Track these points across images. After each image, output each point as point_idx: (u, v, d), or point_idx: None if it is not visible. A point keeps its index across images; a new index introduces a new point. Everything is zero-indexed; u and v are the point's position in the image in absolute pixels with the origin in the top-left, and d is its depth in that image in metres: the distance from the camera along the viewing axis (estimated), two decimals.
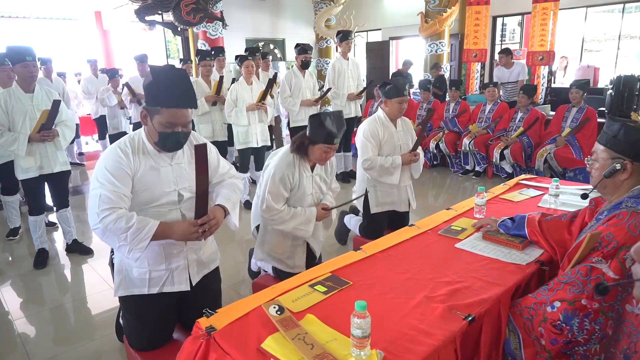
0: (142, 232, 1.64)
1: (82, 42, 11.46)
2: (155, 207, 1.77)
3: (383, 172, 2.97)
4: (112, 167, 1.68)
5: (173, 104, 1.67)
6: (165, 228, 1.69)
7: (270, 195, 2.27)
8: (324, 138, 2.20)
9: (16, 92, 3.11)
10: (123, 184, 1.68)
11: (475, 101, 6.15)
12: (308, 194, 2.40)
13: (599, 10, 8.32)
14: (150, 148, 1.77)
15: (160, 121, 1.68)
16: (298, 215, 2.33)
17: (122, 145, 1.74)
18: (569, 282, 1.43)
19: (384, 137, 2.97)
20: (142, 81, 5.69)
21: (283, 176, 2.28)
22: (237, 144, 4.50)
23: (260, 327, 1.36)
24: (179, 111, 1.69)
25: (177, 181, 1.81)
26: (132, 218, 1.63)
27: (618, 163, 1.50)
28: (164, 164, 1.79)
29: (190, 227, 1.70)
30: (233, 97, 4.33)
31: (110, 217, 1.62)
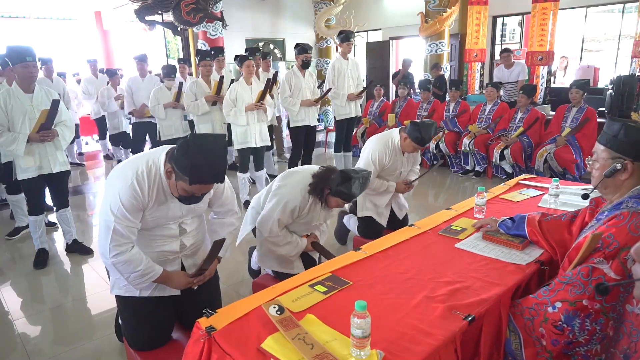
0: (145, 277, 1.76)
1: (82, 42, 11.47)
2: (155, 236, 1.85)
3: (374, 193, 3.08)
4: (127, 201, 1.66)
5: (203, 182, 1.64)
6: (166, 277, 1.83)
7: (277, 218, 2.30)
8: (345, 197, 2.24)
9: (16, 92, 3.10)
10: (135, 218, 1.71)
11: (475, 101, 6.15)
12: (313, 224, 2.47)
13: (599, 10, 8.32)
14: (167, 189, 1.74)
15: (185, 188, 1.66)
16: (290, 245, 2.40)
17: (140, 178, 1.67)
18: (570, 282, 1.43)
19: (388, 163, 3.01)
20: (141, 81, 5.68)
21: (295, 209, 2.30)
22: (236, 144, 4.49)
23: (260, 327, 1.36)
24: (204, 186, 1.68)
25: (183, 214, 1.87)
26: (141, 263, 1.72)
27: (618, 163, 1.50)
28: (173, 201, 1.80)
29: (188, 281, 1.88)
30: (232, 96, 4.32)
31: (121, 257, 1.69)
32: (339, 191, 2.20)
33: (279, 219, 2.29)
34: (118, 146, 6.76)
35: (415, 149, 2.96)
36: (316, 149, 5.91)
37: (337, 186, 2.19)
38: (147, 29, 7.84)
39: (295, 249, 2.41)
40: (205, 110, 4.80)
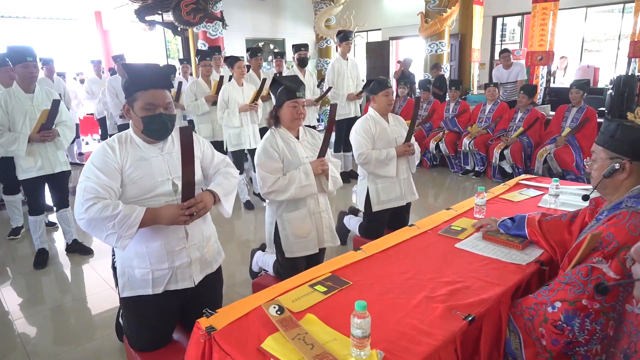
0: (129, 219, 1.62)
1: (82, 42, 11.47)
2: (150, 198, 1.76)
3: (378, 165, 2.98)
4: (98, 161, 1.70)
5: (148, 86, 1.71)
6: (152, 213, 1.68)
7: (260, 168, 2.31)
8: (286, 95, 2.29)
9: (16, 92, 3.11)
10: (109, 177, 1.68)
11: (476, 101, 6.16)
12: (302, 157, 2.39)
13: (599, 10, 8.33)
14: (138, 140, 1.79)
15: (140, 106, 1.71)
16: (294, 176, 2.33)
17: (110, 141, 1.77)
18: (570, 282, 1.43)
19: (376, 132, 3.00)
20: None
21: (265, 147, 2.33)
22: (229, 146, 4.46)
23: (260, 327, 1.36)
24: (155, 92, 1.72)
25: (170, 170, 1.80)
26: (118, 206, 1.62)
27: (617, 163, 1.50)
28: (154, 154, 1.79)
29: (178, 210, 1.70)
30: (225, 98, 4.31)
31: (95, 206, 1.60)
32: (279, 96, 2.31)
33: (258, 164, 2.32)
34: None
35: (388, 102, 2.99)
36: None
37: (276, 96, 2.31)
38: (147, 29, 7.85)
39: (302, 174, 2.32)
40: (205, 110, 4.80)
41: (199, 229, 1.91)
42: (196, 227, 1.89)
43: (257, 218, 4.39)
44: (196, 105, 4.77)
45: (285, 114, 2.34)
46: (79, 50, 11.25)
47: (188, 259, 1.87)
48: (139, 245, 1.79)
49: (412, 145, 3.06)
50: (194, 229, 1.88)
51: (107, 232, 1.63)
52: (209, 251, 1.98)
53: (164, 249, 1.81)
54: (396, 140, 3.06)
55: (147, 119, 1.72)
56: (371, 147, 2.99)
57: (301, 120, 2.39)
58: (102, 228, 1.62)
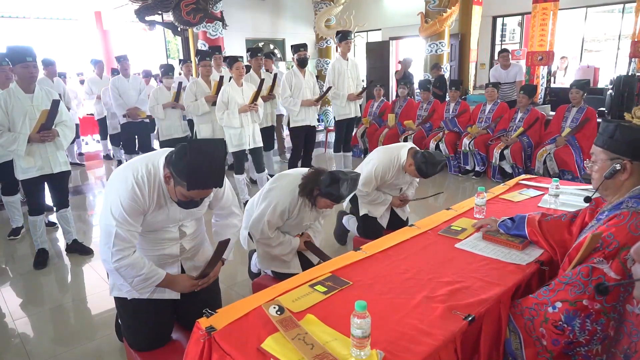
0: (149, 281, 1.75)
1: (82, 42, 11.47)
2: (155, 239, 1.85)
3: (371, 204, 3.13)
4: (127, 205, 1.66)
5: (200, 187, 1.63)
6: (169, 280, 1.82)
7: (267, 219, 2.33)
8: (334, 198, 2.26)
9: (16, 93, 3.10)
10: (136, 222, 1.71)
11: (476, 101, 6.16)
12: (304, 224, 2.49)
13: (599, 10, 8.33)
14: (166, 193, 1.75)
15: (184, 193, 1.66)
16: (283, 245, 2.41)
17: (140, 182, 1.67)
18: (570, 282, 1.43)
19: (390, 179, 3.03)
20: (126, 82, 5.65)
21: (284, 210, 2.33)
22: (230, 147, 4.43)
23: (260, 327, 1.36)
24: (203, 191, 1.68)
25: (181, 217, 1.86)
26: (144, 267, 1.71)
27: (617, 163, 1.50)
28: (173, 204, 1.80)
29: (192, 284, 1.87)
30: (224, 99, 4.28)
31: (124, 261, 1.67)
32: (327, 192, 2.22)
33: (268, 221, 2.32)
34: (118, 146, 6.76)
35: (416, 176, 3.00)
36: (316, 149, 5.90)
37: (326, 187, 2.22)
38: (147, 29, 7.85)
39: (287, 248, 2.43)
40: (206, 110, 4.80)
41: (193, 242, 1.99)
42: (191, 241, 1.97)
43: None
44: (196, 105, 4.77)
45: (319, 201, 2.33)
46: (79, 50, 11.25)
47: (179, 269, 1.96)
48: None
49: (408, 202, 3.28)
50: (189, 244, 1.97)
51: (125, 282, 1.78)
52: (201, 258, 2.03)
53: (157, 262, 1.86)
54: (401, 189, 3.21)
55: (182, 203, 1.76)
56: (375, 188, 3.05)
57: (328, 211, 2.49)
58: (124, 278, 1.75)
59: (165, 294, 1.90)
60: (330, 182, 2.20)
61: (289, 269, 2.48)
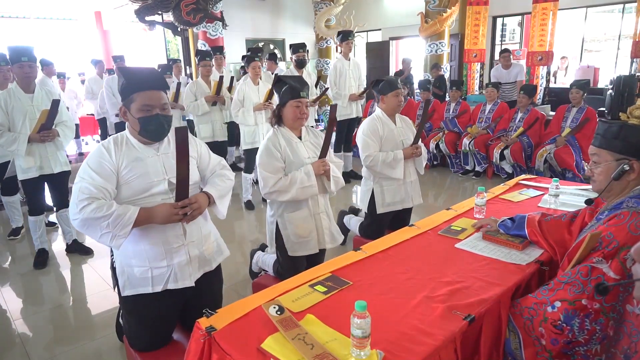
0: (123, 218, 1.64)
1: (82, 42, 11.46)
2: (146, 197, 1.77)
3: (385, 167, 2.96)
4: (93, 163, 1.72)
5: (144, 87, 1.73)
6: (146, 212, 1.71)
7: (261, 168, 2.30)
8: (290, 95, 2.28)
9: (16, 93, 3.11)
10: (104, 178, 1.70)
11: (476, 101, 6.16)
12: (304, 157, 2.38)
13: (599, 10, 8.32)
14: (134, 141, 1.81)
15: (137, 107, 1.73)
16: (296, 176, 2.32)
17: (105, 143, 1.78)
18: (570, 282, 1.43)
19: (384, 133, 2.97)
20: None
21: (267, 147, 2.33)
22: (243, 144, 4.49)
23: (260, 327, 1.36)
24: (151, 93, 1.73)
25: (165, 170, 1.81)
26: (112, 206, 1.65)
27: (625, 164, 1.49)
28: (149, 154, 1.80)
29: (172, 209, 1.71)
30: (240, 97, 4.34)
31: (89, 206, 1.62)
32: (283, 95, 2.30)
33: (260, 164, 2.32)
34: None
35: (397, 103, 2.95)
36: None
37: (280, 95, 2.30)
38: (147, 29, 7.84)
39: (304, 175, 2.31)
40: (205, 111, 4.80)
41: (197, 227, 1.92)
42: (194, 224, 1.90)
43: (258, 218, 4.38)
44: (196, 105, 4.77)
45: (288, 113, 2.34)
46: (79, 50, 11.24)
47: (187, 256, 1.87)
48: (136, 243, 1.80)
49: (420, 147, 3.05)
50: (192, 227, 1.89)
51: (102, 232, 1.65)
52: (208, 249, 1.98)
53: (162, 247, 1.81)
54: (403, 142, 3.04)
55: (144, 120, 1.73)
56: (378, 149, 2.96)
57: (304, 120, 2.38)
58: (96, 228, 1.65)
59: (178, 283, 1.85)
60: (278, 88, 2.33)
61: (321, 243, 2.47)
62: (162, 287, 1.83)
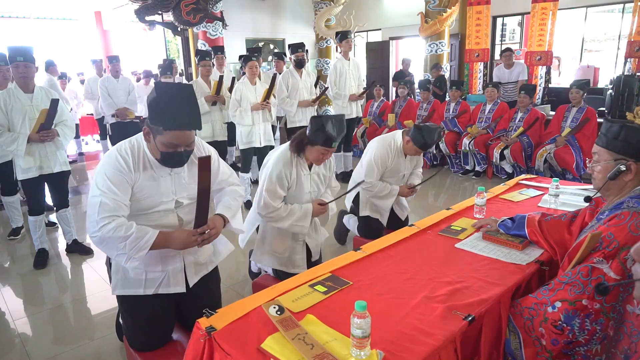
0: (141, 241, 1.64)
1: (82, 42, 11.46)
2: (151, 213, 1.78)
3: (377, 197, 3.04)
4: (112, 174, 1.66)
5: (176, 126, 1.61)
6: (164, 237, 1.70)
7: (267, 194, 2.29)
8: (323, 141, 2.22)
9: (15, 92, 3.10)
10: (122, 192, 1.67)
11: (476, 101, 6.15)
12: (306, 192, 2.42)
13: (599, 10, 8.32)
14: (151, 158, 1.74)
15: (162, 141, 1.64)
16: (295, 212, 2.34)
17: (123, 152, 1.70)
18: (570, 282, 1.43)
19: (391, 164, 2.99)
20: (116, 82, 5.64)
21: (280, 174, 2.30)
22: (240, 143, 4.48)
23: (260, 327, 1.36)
24: (182, 133, 1.64)
25: (175, 191, 1.82)
26: (132, 227, 1.64)
27: (622, 164, 1.50)
28: (163, 174, 1.78)
29: (190, 237, 1.72)
30: (237, 96, 4.33)
31: (109, 225, 1.61)
32: (316, 136, 2.21)
33: (267, 189, 2.29)
34: None
35: (417, 153, 2.95)
36: None
37: (313, 133, 2.21)
38: (147, 29, 7.83)
39: (299, 212, 2.34)
40: (205, 110, 4.79)
41: None
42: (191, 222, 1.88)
43: None
44: None
45: (312, 153, 2.31)
46: (79, 50, 11.24)
47: (181, 263, 1.90)
48: None
49: (416, 190, 3.14)
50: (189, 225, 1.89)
51: (118, 252, 1.65)
52: (203, 255, 2.00)
53: (158, 253, 1.82)
54: (404, 176, 3.10)
55: (166, 155, 1.69)
56: (379, 177, 3.00)
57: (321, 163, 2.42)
58: (113, 247, 1.64)
59: (170, 288, 1.87)
60: (316, 126, 2.20)
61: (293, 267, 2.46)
62: (153, 291, 1.85)
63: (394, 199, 3.06)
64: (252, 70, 4.35)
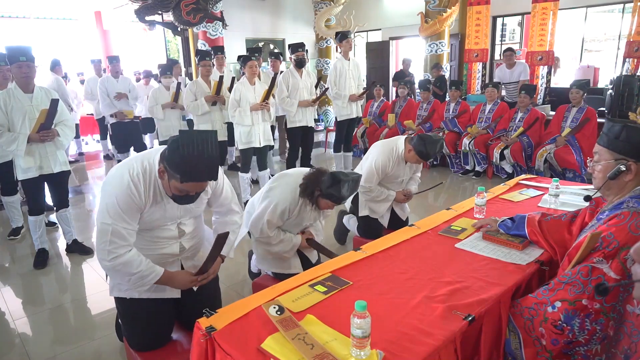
0: (146, 279, 1.74)
1: (82, 42, 11.46)
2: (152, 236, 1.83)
3: (374, 201, 3.08)
4: (123, 202, 1.65)
5: (193, 179, 1.60)
6: (168, 276, 1.80)
7: (267, 220, 2.32)
8: (335, 199, 2.25)
9: (15, 93, 3.10)
10: (133, 220, 1.70)
11: (476, 101, 6.15)
12: (304, 224, 2.48)
13: (599, 10, 8.32)
14: (162, 189, 1.73)
15: (178, 187, 1.63)
16: (284, 243, 2.40)
17: (135, 179, 1.66)
18: (570, 282, 1.43)
19: (391, 171, 3.01)
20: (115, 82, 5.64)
21: (285, 210, 2.32)
22: (239, 144, 4.47)
23: (260, 327, 1.36)
24: (197, 184, 1.64)
25: (180, 214, 1.85)
26: (140, 264, 1.70)
27: (622, 164, 1.50)
28: (169, 200, 1.77)
29: (191, 279, 1.86)
30: (237, 97, 4.32)
31: (121, 259, 1.67)
32: (329, 193, 2.21)
33: (268, 220, 2.31)
34: None
35: (418, 162, 2.97)
36: (316, 149, 5.91)
37: (327, 188, 2.20)
38: (147, 29, 7.84)
39: (288, 245, 2.42)
40: (205, 110, 4.80)
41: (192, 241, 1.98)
42: (191, 239, 1.96)
43: None
44: (196, 105, 4.77)
45: (321, 204, 2.33)
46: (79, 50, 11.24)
47: (178, 268, 1.95)
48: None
49: (412, 197, 3.19)
50: (189, 242, 1.95)
51: (122, 281, 1.79)
52: (201, 257, 2.02)
53: (157, 261, 1.84)
54: (403, 181, 3.14)
55: (178, 197, 1.71)
56: (377, 183, 3.03)
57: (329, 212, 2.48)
58: (121, 277, 1.76)
59: (166, 293, 1.90)
60: (331, 183, 2.19)
61: (290, 269, 2.47)
62: (147, 296, 1.87)
63: (390, 204, 3.13)
64: (251, 70, 4.35)
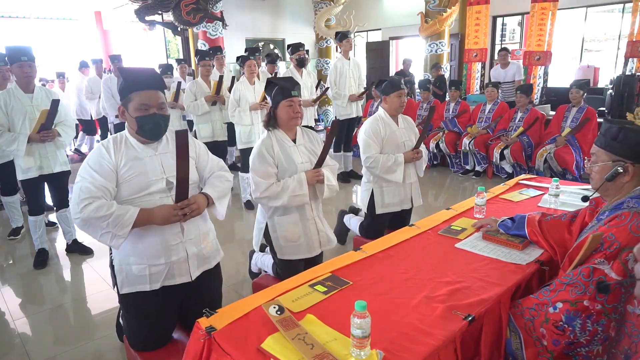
0: (123, 218, 1.68)
1: (82, 42, 11.45)
2: (145, 195, 1.79)
3: (385, 170, 2.94)
4: (93, 162, 1.75)
5: (141, 87, 1.75)
6: (146, 213, 1.74)
7: (254, 173, 2.29)
8: (281, 95, 2.28)
9: (16, 93, 3.10)
10: (104, 177, 1.72)
11: (475, 101, 6.16)
12: (298, 163, 2.36)
13: (599, 10, 8.32)
14: (133, 141, 1.83)
15: (134, 106, 1.75)
16: (288, 184, 2.30)
17: (105, 143, 1.81)
18: (571, 283, 1.43)
19: (385, 134, 2.96)
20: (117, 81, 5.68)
21: (260, 151, 2.31)
22: (239, 143, 4.48)
23: (260, 327, 1.36)
24: (148, 92, 1.76)
25: (164, 170, 1.83)
26: (112, 206, 1.69)
27: (619, 166, 1.49)
28: (148, 154, 1.83)
29: (171, 210, 1.76)
30: (236, 97, 4.33)
31: (90, 206, 1.66)
32: (275, 98, 2.30)
33: (253, 169, 2.30)
34: None
35: (401, 106, 2.95)
36: None
37: (273, 99, 2.30)
38: (147, 29, 7.83)
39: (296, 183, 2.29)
40: (205, 110, 4.79)
41: (195, 225, 1.93)
42: (192, 222, 1.91)
43: None
44: (196, 105, 4.76)
45: (282, 114, 2.33)
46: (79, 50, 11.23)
47: (185, 253, 1.89)
48: (134, 242, 1.81)
49: (421, 151, 3.04)
50: (190, 225, 1.91)
51: (102, 232, 1.69)
52: (207, 247, 1.99)
53: (160, 245, 1.82)
54: (405, 144, 3.02)
55: (141, 119, 1.76)
56: (379, 151, 2.95)
57: (299, 120, 2.36)
58: (97, 227, 1.68)
59: (176, 279, 1.86)
60: (270, 90, 2.32)
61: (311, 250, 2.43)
62: (159, 285, 1.85)
63: (402, 168, 2.95)
64: (250, 70, 4.35)
